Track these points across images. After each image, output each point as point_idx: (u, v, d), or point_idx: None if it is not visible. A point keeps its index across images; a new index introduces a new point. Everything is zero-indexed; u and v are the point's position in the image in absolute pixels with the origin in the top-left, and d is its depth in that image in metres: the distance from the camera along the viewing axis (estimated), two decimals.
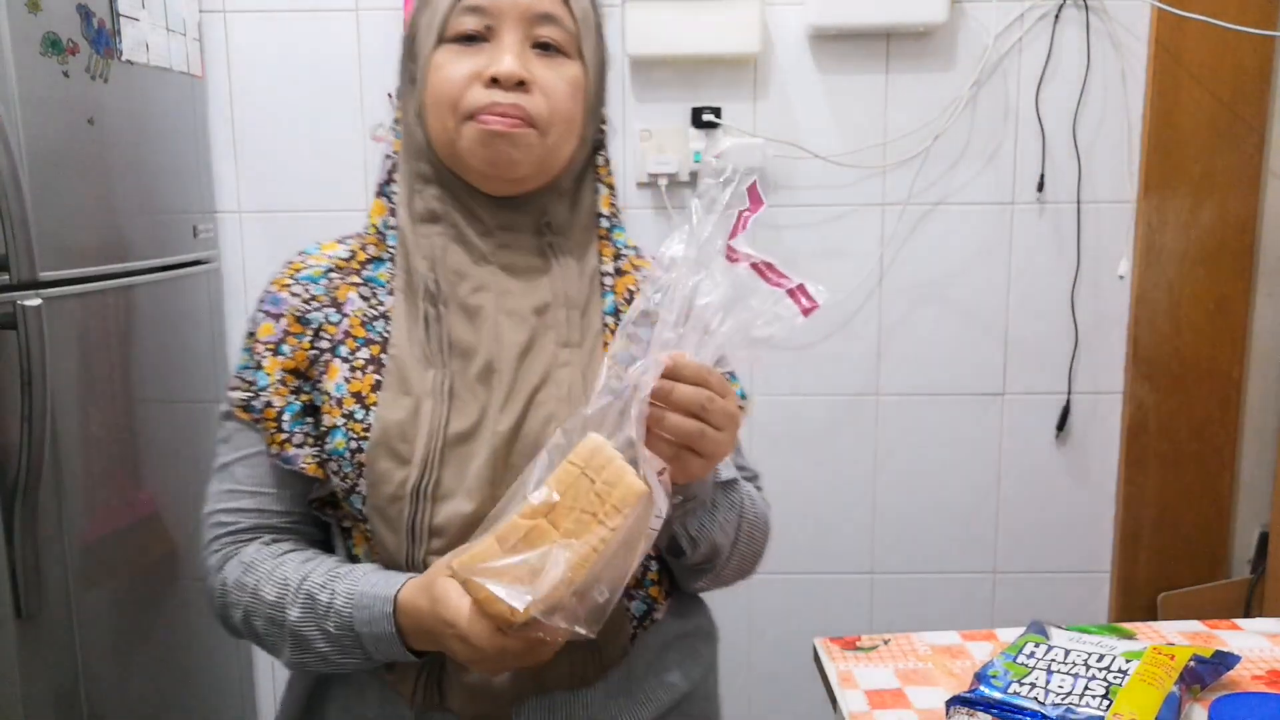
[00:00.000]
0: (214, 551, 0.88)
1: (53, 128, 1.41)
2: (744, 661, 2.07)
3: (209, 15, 1.87)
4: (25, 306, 1.32)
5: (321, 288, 0.89)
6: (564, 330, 0.88)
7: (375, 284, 0.89)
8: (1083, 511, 2.02)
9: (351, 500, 0.85)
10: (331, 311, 0.88)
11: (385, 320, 0.88)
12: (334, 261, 0.91)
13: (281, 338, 0.88)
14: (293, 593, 0.83)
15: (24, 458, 1.33)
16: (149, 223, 1.68)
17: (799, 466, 2.00)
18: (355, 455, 0.84)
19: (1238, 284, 1.90)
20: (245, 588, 0.85)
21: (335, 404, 0.85)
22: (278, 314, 0.88)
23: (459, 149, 0.86)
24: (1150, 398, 1.95)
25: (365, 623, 0.80)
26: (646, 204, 1.92)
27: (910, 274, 1.95)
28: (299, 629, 0.83)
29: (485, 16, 0.85)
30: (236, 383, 0.89)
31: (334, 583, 0.83)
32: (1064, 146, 1.90)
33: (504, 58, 0.84)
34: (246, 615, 0.86)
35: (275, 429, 0.87)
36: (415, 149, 0.90)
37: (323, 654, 0.83)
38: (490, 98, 0.84)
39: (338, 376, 0.86)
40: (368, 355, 0.86)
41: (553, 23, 0.87)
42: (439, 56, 0.86)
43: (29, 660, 1.37)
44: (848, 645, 1.09)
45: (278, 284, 0.90)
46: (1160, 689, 0.87)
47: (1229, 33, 1.76)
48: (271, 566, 0.85)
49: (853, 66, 1.88)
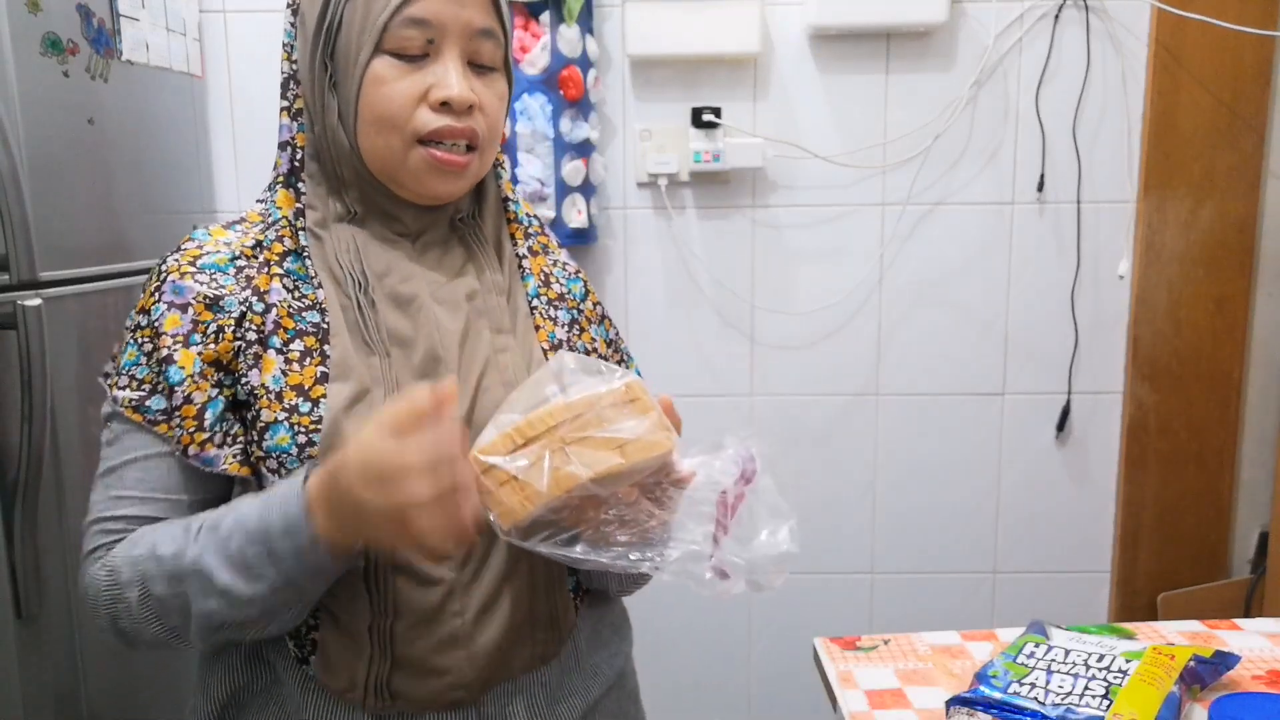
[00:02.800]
0: (98, 559, 0.81)
1: (53, 128, 1.41)
2: (744, 661, 2.07)
3: (209, 15, 1.87)
4: (25, 306, 1.32)
5: (231, 277, 0.84)
6: (496, 316, 0.89)
7: (297, 276, 0.85)
8: (1083, 511, 2.02)
9: None
10: (255, 301, 0.83)
11: (317, 310, 0.84)
12: (237, 249, 0.85)
13: (191, 328, 0.82)
14: (192, 534, 0.77)
15: (24, 458, 1.33)
16: (149, 223, 1.67)
17: (799, 466, 2.00)
18: (304, 449, 0.80)
19: (1238, 284, 1.90)
20: (136, 560, 0.78)
21: (274, 398, 0.81)
22: (183, 304, 0.82)
23: (402, 170, 0.85)
24: (1150, 398, 1.95)
25: (276, 516, 0.74)
26: (646, 204, 1.92)
27: (910, 274, 1.95)
28: (199, 563, 0.76)
29: (429, 30, 0.82)
30: (124, 380, 0.82)
31: (236, 505, 0.78)
32: (1064, 146, 1.90)
33: (452, 80, 0.83)
34: (144, 586, 0.78)
35: (196, 427, 0.80)
36: (336, 152, 0.87)
37: (225, 590, 0.75)
38: (442, 121, 0.83)
39: (274, 369, 0.81)
40: (303, 346, 0.83)
41: (490, 38, 0.85)
42: (379, 69, 0.83)
43: (29, 660, 1.37)
44: (848, 645, 1.09)
45: (176, 271, 0.83)
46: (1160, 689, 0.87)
47: (1229, 33, 1.76)
48: (165, 529, 0.80)
49: (853, 66, 1.88)
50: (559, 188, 1.83)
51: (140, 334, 0.83)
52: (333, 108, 0.86)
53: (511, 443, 0.73)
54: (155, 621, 0.79)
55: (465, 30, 0.83)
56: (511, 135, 1.82)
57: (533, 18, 1.79)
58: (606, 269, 1.94)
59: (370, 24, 0.82)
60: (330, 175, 0.88)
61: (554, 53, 1.79)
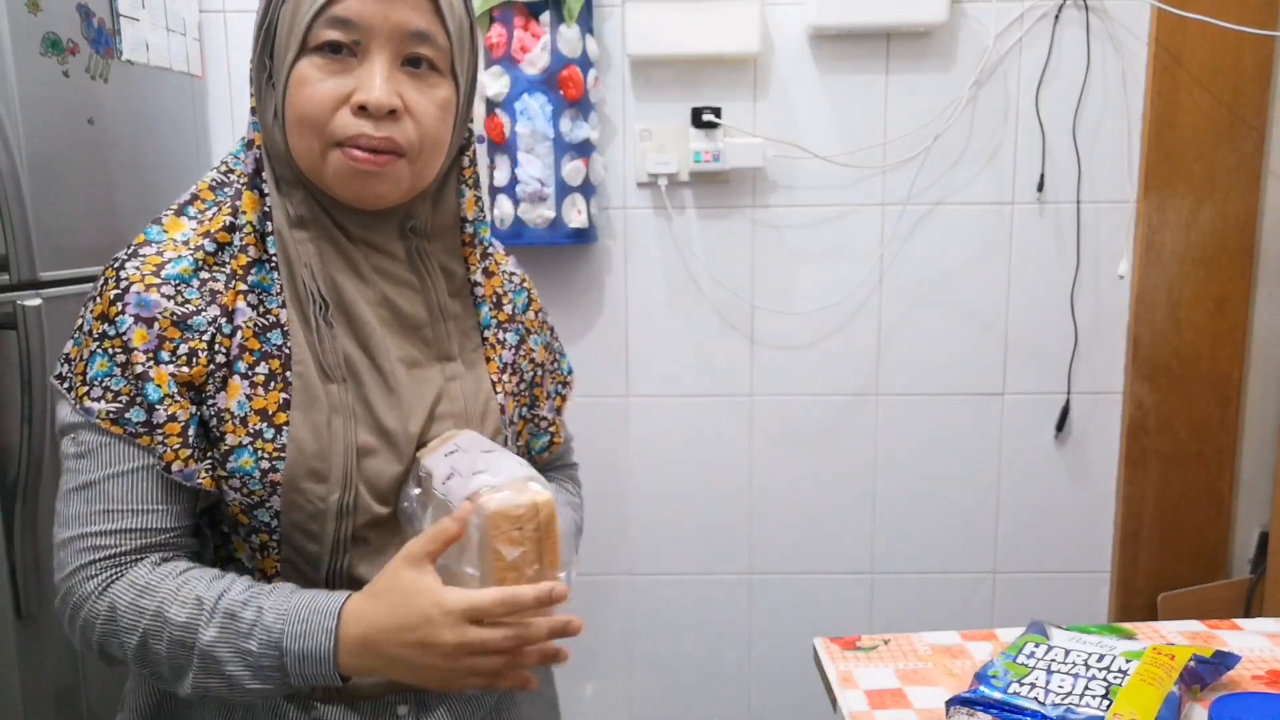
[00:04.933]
0: (89, 577, 0.80)
1: (53, 128, 1.41)
2: (744, 661, 2.07)
3: (209, 15, 1.87)
4: (25, 306, 1.32)
5: (196, 290, 0.82)
6: (445, 344, 0.90)
7: (262, 289, 0.84)
8: (1083, 511, 2.02)
9: (257, 514, 0.83)
10: (223, 322, 0.82)
11: (280, 331, 0.83)
12: (199, 256, 0.83)
13: (158, 344, 0.80)
14: (208, 612, 0.77)
15: (24, 458, 1.33)
16: (149, 223, 1.67)
17: (799, 466, 2.00)
18: (267, 475, 0.81)
19: (1238, 284, 1.90)
20: (144, 611, 0.78)
21: (239, 423, 0.81)
22: (149, 318, 0.80)
23: (324, 173, 0.83)
24: (1150, 398, 1.95)
25: (297, 637, 0.76)
26: (646, 204, 1.92)
27: (910, 274, 1.95)
28: (212, 649, 0.77)
29: (353, 31, 0.80)
30: (98, 392, 0.80)
31: (258, 599, 0.78)
32: (1064, 146, 1.90)
33: (374, 84, 0.80)
34: (144, 639, 0.78)
35: (181, 444, 0.80)
36: (275, 153, 0.85)
37: (231, 678, 0.77)
38: (359, 128, 0.80)
39: (239, 394, 0.82)
40: (267, 370, 0.82)
41: (425, 41, 0.82)
42: (302, 69, 0.81)
43: (29, 660, 1.37)
44: (848, 645, 1.09)
45: (140, 282, 0.81)
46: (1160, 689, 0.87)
47: (1229, 33, 1.76)
48: (175, 586, 0.79)
49: (853, 66, 1.88)
50: (559, 188, 1.83)
51: (109, 344, 0.80)
52: (270, 108, 0.85)
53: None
54: (146, 667, 0.80)
55: (395, 32, 0.81)
56: (511, 135, 1.82)
57: (533, 18, 1.79)
58: (606, 269, 1.94)
59: (297, 24, 0.81)
60: (280, 178, 0.86)
61: (554, 53, 1.79)
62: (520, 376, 0.98)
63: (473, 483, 0.78)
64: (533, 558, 0.77)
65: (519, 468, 0.81)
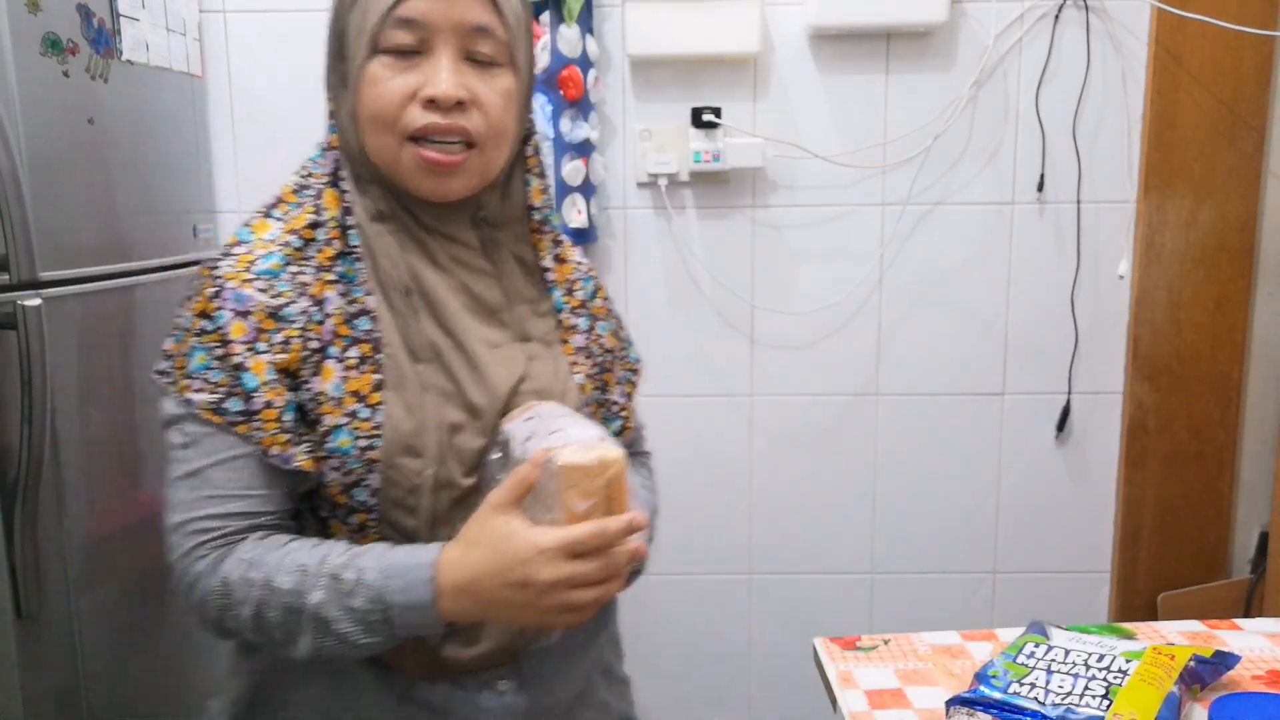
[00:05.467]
0: (200, 558, 0.85)
1: (53, 128, 1.41)
2: (744, 661, 2.07)
3: (209, 15, 1.87)
4: (25, 306, 1.32)
5: (286, 284, 0.87)
6: (523, 326, 0.95)
7: (348, 280, 0.88)
8: (1083, 511, 2.02)
9: (355, 493, 0.87)
10: (314, 310, 0.87)
11: (368, 317, 0.88)
12: (288, 251, 0.88)
13: (255, 335, 0.85)
14: (313, 576, 0.82)
15: (24, 458, 1.33)
16: (149, 223, 1.67)
17: (799, 466, 2.00)
18: (365, 453, 0.85)
19: (1238, 284, 1.90)
20: (254, 583, 0.83)
21: (335, 404, 0.86)
22: (245, 311, 0.85)
23: (398, 168, 0.88)
24: (1150, 398, 1.95)
25: (399, 590, 0.81)
26: (647, 204, 1.92)
27: (910, 274, 1.95)
28: (321, 611, 0.82)
29: (419, 30, 0.85)
30: (198, 384, 0.85)
31: (358, 559, 0.83)
32: (1064, 146, 1.90)
33: (441, 77, 0.85)
34: (258, 609, 0.84)
35: (277, 429, 0.85)
36: (351, 153, 0.90)
37: (342, 635, 0.82)
38: (429, 119, 0.85)
39: (334, 377, 0.86)
40: (358, 354, 0.87)
41: (486, 35, 0.87)
42: (373, 69, 0.86)
43: (29, 660, 1.37)
44: (848, 645, 1.09)
45: (235, 279, 0.86)
46: (1160, 689, 0.87)
47: (1229, 33, 1.76)
48: (279, 557, 0.84)
49: (853, 66, 1.88)
50: (559, 188, 1.83)
51: (207, 339, 0.85)
52: (346, 110, 0.90)
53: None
54: (262, 634, 0.85)
55: (458, 28, 0.85)
56: None
57: (533, 18, 1.79)
58: (606, 269, 1.94)
59: (367, 26, 0.85)
60: (359, 176, 0.91)
61: (554, 53, 1.79)
62: (593, 360, 1.01)
63: (548, 441, 0.82)
64: (601, 511, 0.81)
65: (593, 429, 0.85)
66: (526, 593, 0.80)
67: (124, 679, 1.58)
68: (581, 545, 0.79)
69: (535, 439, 0.83)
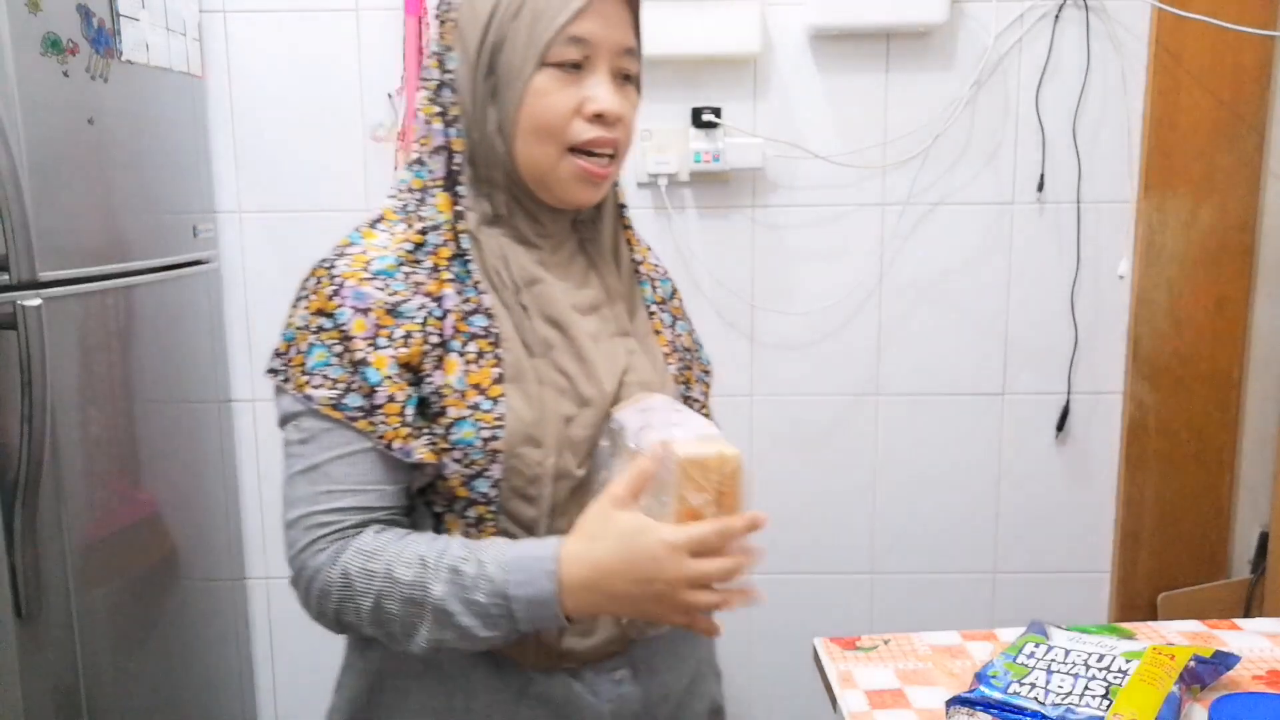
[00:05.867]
0: (319, 550, 0.87)
1: (53, 128, 1.41)
2: (744, 661, 2.07)
3: (209, 15, 1.87)
4: (25, 306, 1.32)
5: (402, 282, 0.90)
6: (620, 322, 0.99)
7: (462, 280, 0.92)
8: (1083, 511, 2.02)
9: (476, 484, 0.89)
10: (434, 307, 0.90)
11: (483, 314, 0.91)
12: (400, 254, 0.92)
13: (375, 331, 0.88)
14: (433, 568, 0.84)
15: (24, 458, 1.33)
16: (149, 223, 1.68)
17: (799, 466, 2.00)
18: (488, 444, 0.88)
19: (1238, 284, 1.90)
20: (374, 574, 0.85)
21: (458, 396, 0.88)
22: (365, 308, 0.88)
23: (552, 176, 0.92)
24: (1150, 398, 1.95)
25: (521, 585, 0.82)
26: (647, 204, 1.92)
27: (910, 274, 1.95)
28: (443, 603, 0.83)
29: (585, 48, 0.90)
30: (317, 380, 0.88)
31: (478, 553, 0.85)
32: (1064, 146, 1.90)
33: (605, 94, 0.91)
34: (378, 600, 0.85)
35: (399, 423, 0.87)
36: (490, 158, 0.93)
37: (463, 628, 0.84)
38: (594, 132, 0.91)
39: (457, 370, 0.89)
40: (477, 349, 0.90)
41: (633, 56, 0.94)
42: (541, 81, 0.90)
43: (29, 660, 1.37)
44: (848, 645, 1.09)
45: (353, 277, 0.89)
46: (1160, 689, 0.87)
47: (1229, 33, 1.76)
48: (399, 549, 0.86)
49: (853, 66, 1.88)
50: None
51: (326, 335, 0.88)
52: (492, 118, 0.92)
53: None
54: (381, 627, 0.87)
55: (615, 47, 0.92)
56: None
57: None
58: None
59: (535, 40, 0.89)
60: (482, 180, 0.94)
61: None
62: (678, 355, 1.06)
63: (665, 433, 0.83)
64: (714, 508, 0.82)
65: (709, 426, 0.87)
66: (651, 588, 0.81)
67: (124, 679, 1.58)
68: (706, 544, 0.81)
69: (649, 430, 0.85)
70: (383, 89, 1.88)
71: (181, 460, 1.77)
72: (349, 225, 0.96)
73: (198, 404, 1.84)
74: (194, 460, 1.83)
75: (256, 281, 1.94)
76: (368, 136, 1.90)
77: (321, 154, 1.90)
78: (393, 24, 1.85)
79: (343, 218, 1.92)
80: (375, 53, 1.88)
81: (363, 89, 1.89)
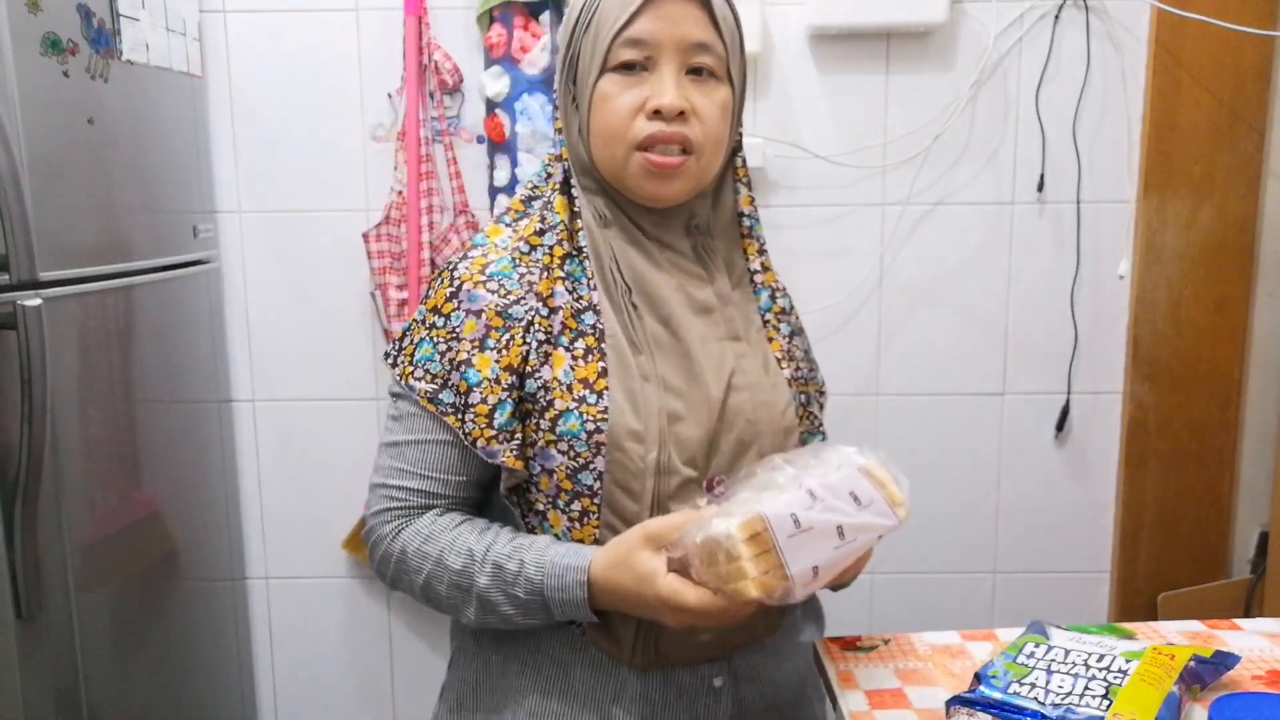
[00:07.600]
0: (385, 521, 0.96)
1: (53, 128, 1.41)
2: None
3: (209, 15, 1.87)
4: (25, 306, 1.32)
5: (516, 283, 0.95)
6: (731, 326, 1.01)
7: (574, 278, 0.96)
8: (1082, 511, 2.02)
9: (581, 477, 0.93)
10: (540, 306, 0.94)
11: (594, 312, 0.95)
12: (514, 253, 0.97)
13: (485, 334, 0.93)
14: (479, 562, 0.92)
15: (24, 458, 1.33)
16: (149, 223, 1.68)
17: None
18: (592, 436, 0.92)
19: (1238, 284, 1.90)
20: (428, 557, 0.94)
21: (565, 390, 0.93)
22: (478, 310, 0.94)
23: (624, 176, 0.96)
24: (1150, 398, 1.95)
25: (556, 589, 0.90)
26: None
27: (910, 274, 1.95)
28: (486, 594, 0.92)
29: (645, 48, 0.92)
30: (419, 373, 0.95)
31: (520, 553, 0.91)
32: (1064, 146, 1.90)
33: (664, 90, 0.92)
34: (428, 580, 0.94)
35: (486, 425, 0.92)
36: (580, 164, 0.99)
37: (506, 615, 0.92)
38: (654, 127, 0.93)
39: (564, 364, 0.93)
40: (584, 345, 0.94)
41: (706, 50, 0.94)
42: (604, 86, 0.94)
43: (29, 660, 1.37)
44: (848, 645, 1.09)
45: (470, 280, 0.95)
46: (1160, 689, 0.87)
47: (1229, 33, 1.76)
48: (451, 538, 0.94)
49: (853, 66, 1.88)
50: None
51: (437, 333, 0.95)
52: (575, 126, 0.98)
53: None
54: (429, 602, 0.96)
55: (680, 44, 0.93)
56: (512, 135, 1.82)
57: (533, 18, 1.80)
58: None
59: (598, 48, 0.94)
60: (585, 186, 0.99)
61: (554, 52, 1.79)
62: (795, 364, 1.07)
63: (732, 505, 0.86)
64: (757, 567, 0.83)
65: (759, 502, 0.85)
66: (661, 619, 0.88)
67: (124, 679, 1.58)
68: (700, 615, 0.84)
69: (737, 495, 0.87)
70: (383, 89, 1.88)
71: (181, 460, 1.77)
72: (349, 225, 0.97)
73: (198, 404, 1.84)
74: (194, 460, 1.83)
75: (256, 281, 1.94)
76: (368, 136, 1.90)
77: (321, 154, 1.90)
78: (393, 24, 1.85)
79: (343, 218, 1.93)
80: (375, 53, 1.88)
81: (363, 89, 1.89)
